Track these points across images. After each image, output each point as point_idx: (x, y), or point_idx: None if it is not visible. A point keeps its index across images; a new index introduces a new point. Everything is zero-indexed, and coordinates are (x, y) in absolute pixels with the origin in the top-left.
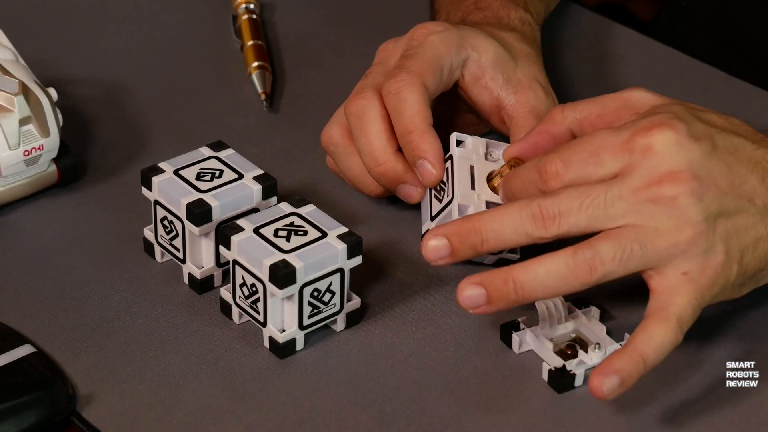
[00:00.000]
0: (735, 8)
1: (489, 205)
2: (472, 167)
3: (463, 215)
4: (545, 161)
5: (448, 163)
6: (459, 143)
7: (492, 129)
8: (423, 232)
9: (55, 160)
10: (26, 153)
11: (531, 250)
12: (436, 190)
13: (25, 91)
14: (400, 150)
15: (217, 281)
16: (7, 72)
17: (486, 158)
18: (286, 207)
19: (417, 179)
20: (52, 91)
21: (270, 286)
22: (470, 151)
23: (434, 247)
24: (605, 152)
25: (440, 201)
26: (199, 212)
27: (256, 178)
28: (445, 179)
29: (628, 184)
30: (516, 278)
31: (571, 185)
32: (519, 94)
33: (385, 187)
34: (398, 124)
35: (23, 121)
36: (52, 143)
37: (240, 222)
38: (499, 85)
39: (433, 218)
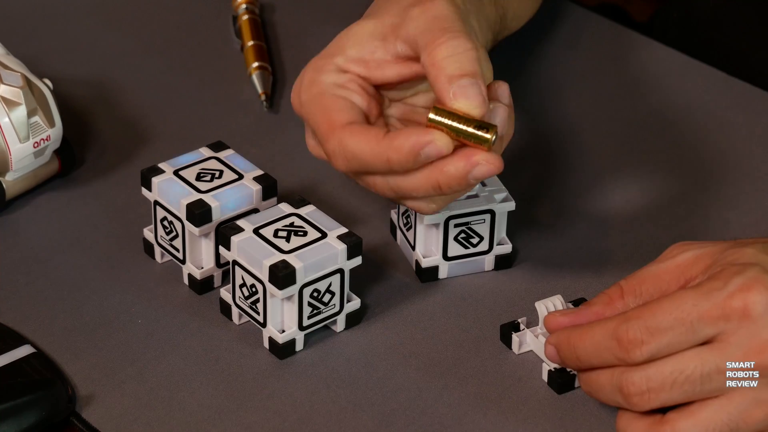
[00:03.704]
0: (732, 9)
1: None
2: None
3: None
4: (626, 328)
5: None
6: None
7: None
8: (413, 266)
9: (55, 150)
10: (36, 145)
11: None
12: (403, 223)
13: (27, 83)
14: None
15: (217, 282)
16: (6, 66)
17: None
18: (285, 207)
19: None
20: (48, 82)
21: (270, 287)
22: None
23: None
24: (698, 320)
25: (410, 226)
26: (198, 213)
27: (256, 179)
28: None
29: (727, 355)
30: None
31: (658, 355)
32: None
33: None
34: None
35: (30, 113)
36: (57, 133)
37: (240, 222)
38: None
39: (413, 246)
